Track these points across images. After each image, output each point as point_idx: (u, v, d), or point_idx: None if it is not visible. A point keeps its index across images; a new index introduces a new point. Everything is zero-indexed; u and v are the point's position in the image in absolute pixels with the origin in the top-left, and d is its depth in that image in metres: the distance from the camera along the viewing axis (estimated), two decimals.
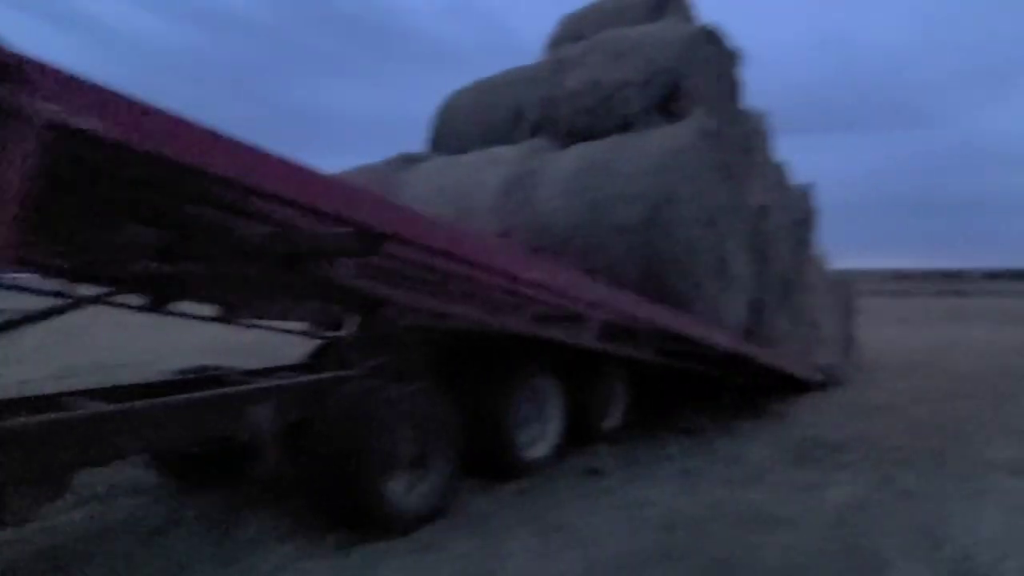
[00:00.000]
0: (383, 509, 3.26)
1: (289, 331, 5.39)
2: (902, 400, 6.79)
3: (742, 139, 6.16)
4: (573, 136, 5.58)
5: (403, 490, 3.39)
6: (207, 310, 4.71)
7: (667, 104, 5.23)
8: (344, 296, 3.76)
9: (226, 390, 3.23)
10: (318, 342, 5.78)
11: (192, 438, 3.04)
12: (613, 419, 5.40)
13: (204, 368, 4.19)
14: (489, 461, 4.15)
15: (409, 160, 6.37)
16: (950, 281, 46.86)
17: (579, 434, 4.89)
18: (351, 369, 3.85)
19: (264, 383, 3.47)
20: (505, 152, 5.56)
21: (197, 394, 3.08)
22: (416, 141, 8.12)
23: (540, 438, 4.54)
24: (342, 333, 5.31)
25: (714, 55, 5.74)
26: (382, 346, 4.76)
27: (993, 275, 56.67)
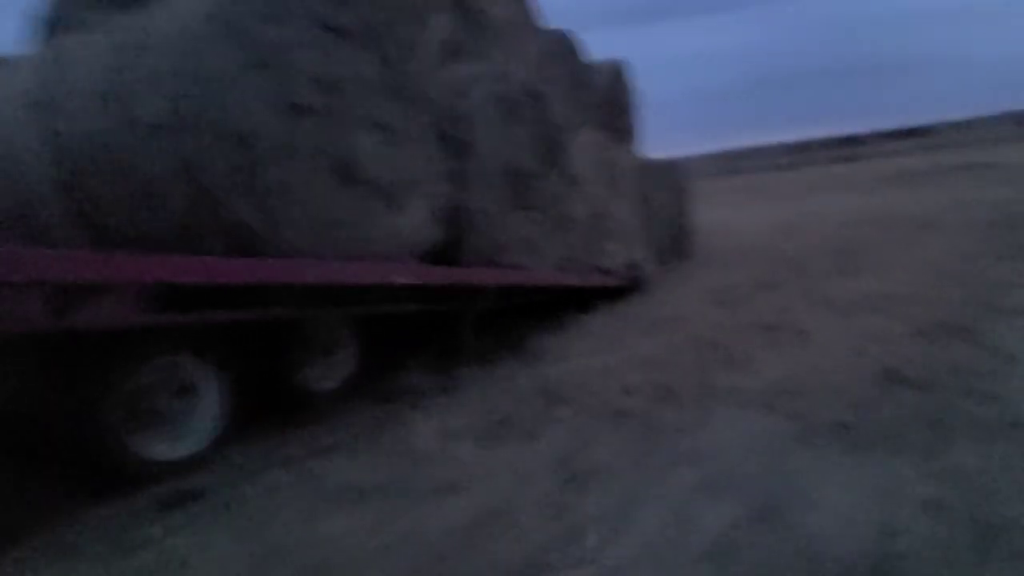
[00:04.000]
0: None
1: None
2: (700, 306, 5.61)
3: None
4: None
5: None
6: None
7: None
8: None
9: None
10: None
11: None
12: (329, 380, 4.26)
13: None
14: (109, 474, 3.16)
15: None
16: (847, 147, 47.10)
17: (289, 402, 3.98)
18: None
19: None
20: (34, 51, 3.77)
21: None
22: None
23: (187, 434, 3.43)
24: None
25: None
26: None
27: (889, 135, 57.61)
